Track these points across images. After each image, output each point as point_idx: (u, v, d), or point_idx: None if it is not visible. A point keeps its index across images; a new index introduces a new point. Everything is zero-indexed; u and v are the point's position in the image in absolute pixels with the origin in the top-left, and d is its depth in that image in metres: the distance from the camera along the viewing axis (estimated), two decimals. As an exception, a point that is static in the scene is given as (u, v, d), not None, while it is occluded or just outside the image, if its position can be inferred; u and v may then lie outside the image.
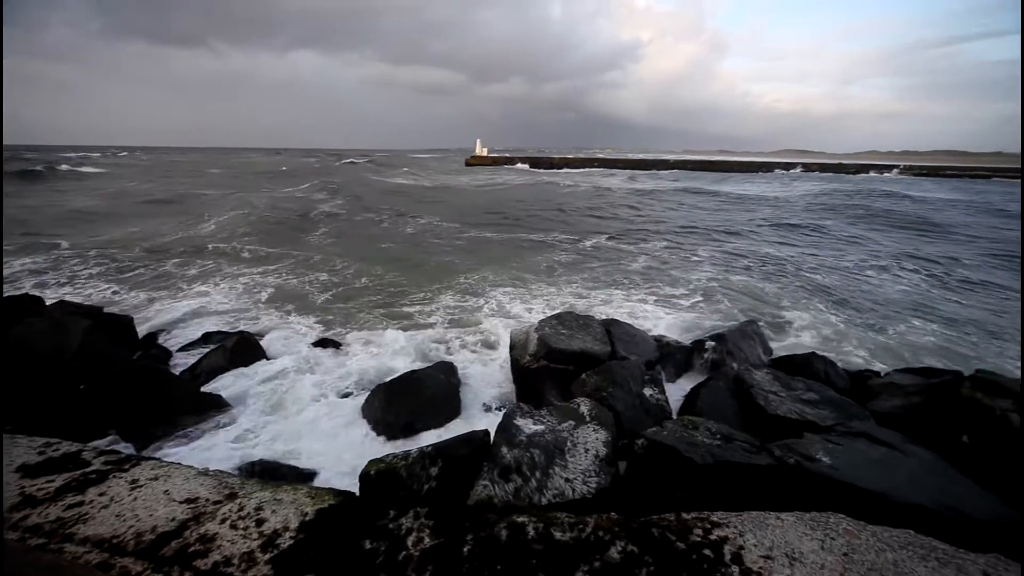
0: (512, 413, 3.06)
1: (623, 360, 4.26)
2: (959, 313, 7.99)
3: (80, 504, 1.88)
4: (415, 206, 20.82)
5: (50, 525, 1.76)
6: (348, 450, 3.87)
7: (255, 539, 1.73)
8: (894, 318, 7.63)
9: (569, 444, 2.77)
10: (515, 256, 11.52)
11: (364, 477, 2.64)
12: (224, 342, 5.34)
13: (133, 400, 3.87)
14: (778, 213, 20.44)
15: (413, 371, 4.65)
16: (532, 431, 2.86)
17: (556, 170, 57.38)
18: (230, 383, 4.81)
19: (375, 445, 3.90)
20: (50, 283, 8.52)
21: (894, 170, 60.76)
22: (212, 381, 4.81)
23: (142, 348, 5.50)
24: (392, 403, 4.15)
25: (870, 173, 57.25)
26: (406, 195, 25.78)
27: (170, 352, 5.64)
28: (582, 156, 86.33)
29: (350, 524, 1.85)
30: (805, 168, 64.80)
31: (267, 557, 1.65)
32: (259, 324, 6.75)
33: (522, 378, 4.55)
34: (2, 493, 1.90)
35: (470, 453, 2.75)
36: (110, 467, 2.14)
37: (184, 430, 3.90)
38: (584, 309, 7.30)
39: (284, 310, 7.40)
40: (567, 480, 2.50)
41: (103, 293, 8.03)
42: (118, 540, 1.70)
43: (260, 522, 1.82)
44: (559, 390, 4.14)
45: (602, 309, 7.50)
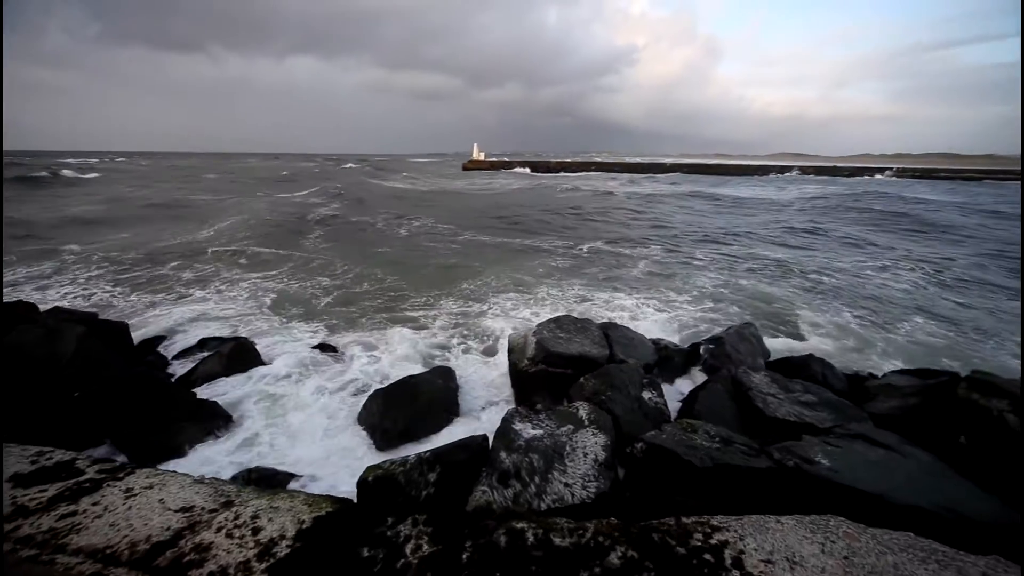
0: (511, 418, 3.05)
1: (621, 364, 4.25)
2: (973, 315, 8.07)
3: (73, 514, 1.85)
4: (415, 209, 20.85)
5: (42, 536, 1.73)
6: (346, 456, 3.84)
7: (251, 548, 1.71)
8: (903, 319, 7.68)
9: (568, 448, 2.76)
10: (514, 259, 11.51)
11: (362, 483, 2.62)
12: (220, 348, 5.30)
13: (128, 408, 3.83)
14: (780, 217, 20.50)
15: (411, 376, 4.63)
16: (531, 436, 2.85)
17: (553, 174, 57.63)
18: (227, 389, 4.77)
19: (373, 451, 3.87)
20: (51, 288, 8.48)
21: (886, 172, 61.53)
22: (208, 388, 4.77)
23: (137, 355, 5.45)
24: (390, 408, 4.12)
25: (864, 176, 57.84)
26: (407, 199, 25.81)
27: (166, 359, 5.59)
28: (579, 160, 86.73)
29: (348, 532, 1.83)
30: (801, 171, 65.49)
31: (263, 567, 1.63)
32: (258, 329, 6.71)
33: (520, 382, 4.53)
34: (2, 501, 1.87)
35: (468, 458, 2.74)
36: (104, 476, 2.12)
37: (180, 438, 3.86)
38: (585, 313, 7.31)
39: (284, 315, 7.36)
40: (566, 485, 2.49)
41: (102, 299, 7.98)
42: (112, 550, 1.67)
43: (256, 530, 1.80)
44: (558, 394, 4.13)
45: (605, 313, 7.49)
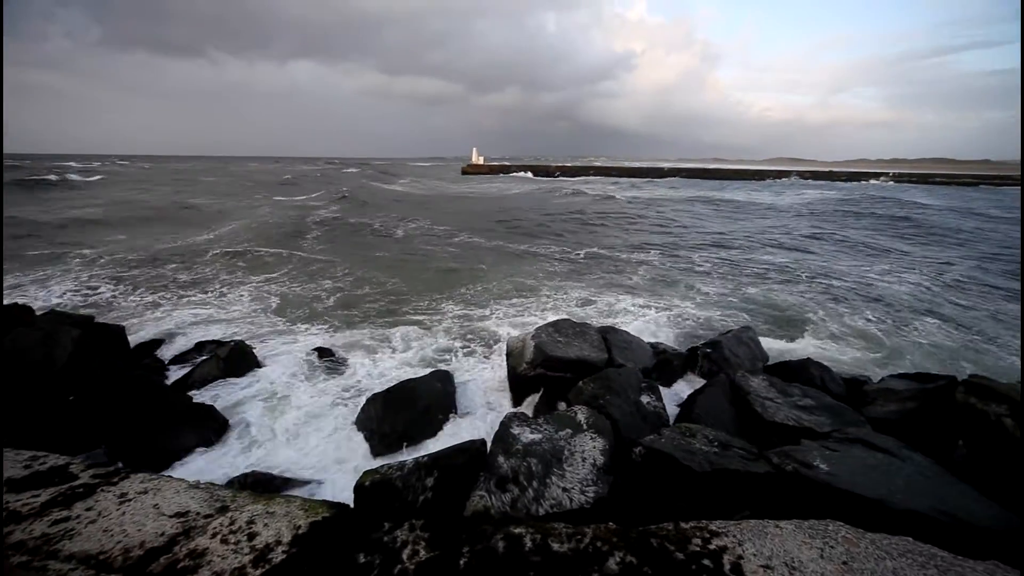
0: (509, 422, 3.04)
1: (620, 368, 4.25)
2: (977, 315, 8.11)
3: (66, 519, 1.83)
4: (418, 213, 20.95)
5: (34, 542, 1.71)
6: (343, 460, 3.82)
7: (246, 554, 1.69)
8: (914, 321, 7.69)
9: (566, 453, 2.75)
10: (516, 264, 11.52)
11: (359, 488, 2.60)
12: (217, 351, 5.28)
13: (123, 412, 3.81)
14: (782, 222, 20.55)
15: (409, 380, 4.62)
16: (529, 440, 2.84)
17: (552, 178, 57.83)
18: (223, 393, 4.75)
19: (370, 455, 3.85)
20: (53, 289, 8.49)
21: (881, 177, 62.10)
22: (205, 392, 4.74)
23: (134, 358, 5.42)
24: (388, 412, 4.11)
25: (861, 181, 58.24)
26: (410, 203, 25.89)
27: (163, 362, 5.56)
28: (579, 164, 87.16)
29: (344, 537, 1.82)
30: (800, 176, 66.04)
31: (259, 572, 1.61)
32: (257, 332, 6.69)
33: (519, 386, 4.52)
34: (2, 507, 1.86)
35: (466, 463, 2.73)
36: (98, 480, 2.10)
37: (175, 442, 3.83)
38: (586, 317, 7.31)
39: (284, 317, 7.36)
40: (564, 490, 2.48)
41: (104, 300, 7.98)
42: (105, 556, 1.65)
43: (252, 536, 1.78)
44: (556, 398, 4.12)
45: (606, 317, 7.49)
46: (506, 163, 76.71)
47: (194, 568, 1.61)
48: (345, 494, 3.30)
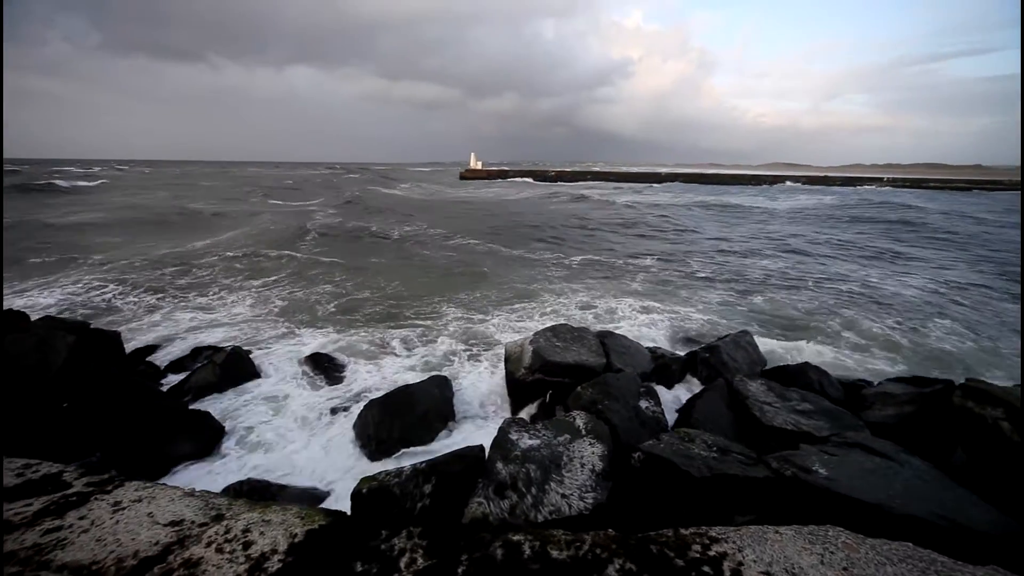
0: (507, 427, 3.03)
1: (618, 372, 4.25)
2: (984, 316, 8.14)
3: (59, 528, 1.80)
4: (419, 218, 20.98)
5: (26, 552, 1.68)
6: (340, 467, 3.79)
7: (242, 563, 1.67)
8: (928, 323, 7.63)
9: (565, 459, 2.74)
10: (514, 269, 11.52)
11: (356, 495, 2.58)
12: (214, 357, 5.24)
13: (118, 419, 3.77)
14: (786, 227, 20.55)
15: (407, 385, 4.60)
16: (528, 446, 2.82)
17: (550, 183, 57.97)
18: (220, 400, 4.72)
19: (368, 462, 3.82)
20: (53, 293, 8.46)
21: (878, 183, 62.64)
22: (201, 398, 4.71)
23: (129, 364, 5.38)
24: (385, 418, 4.08)
25: (857, 186, 58.68)
26: (411, 208, 25.92)
27: (158, 368, 5.52)
28: (577, 169, 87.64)
29: (341, 545, 1.80)
30: (799, 181, 66.67)
31: (254, 582, 1.59)
32: (256, 337, 6.66)
33: (517, 391, 4.51)
34: (2, 515, 1.83)
35: (464, 469, 2.71)
36: (92, 489, 2.07)
37: (171, 449, 3.79)
38: (587, 322, 7.30)
39: (283, 323, 7.33)
40: (563, 496, 2.46)
41: (106, 304, 7.94)
42: (97, 566, 1.63)
43: (247, 545, 1.76)
44: (555, 403, 4.11)
45: (609, 323, 7.45)
46: (504, 168, 77.06)
47: (188, 578, 1.59)
48: (342, 501, 3.27)
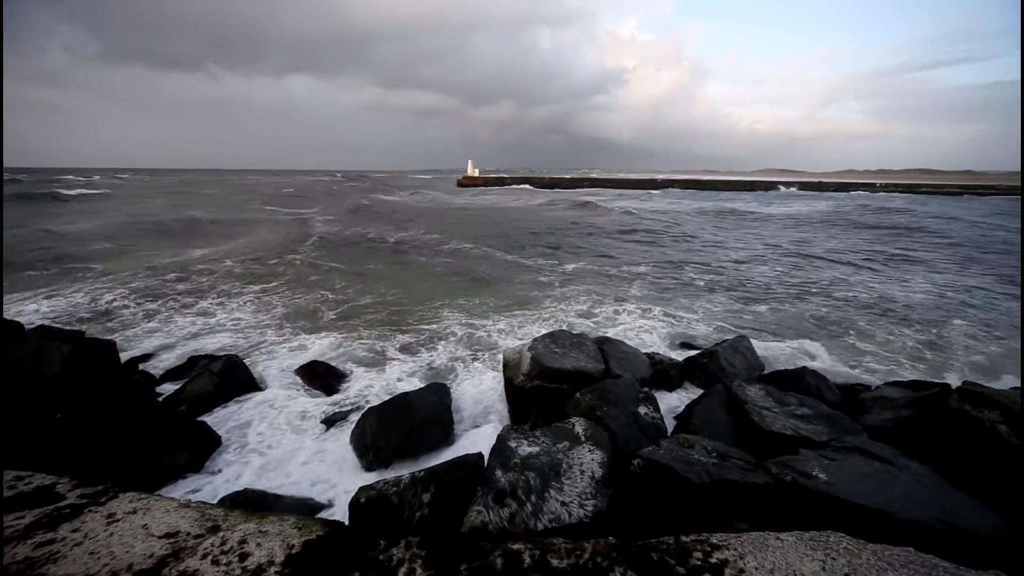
0: (506, 435, 3.01)
1: (617, 378, 4.24)
2: (993, 317, 8.18)
3: (51, 542, 1.77)
4: (421, 224, 21.05)
5: (17, 566, 1.65)
6: (338, 476, 3.75)
7: (238, 575, 1.65)
8: (948, 328, 7.59)
9: (564, 466, 2.72)
10: (513, 275, 11.51)
11: (354, 505, 2.56)
12: (210, 366, 5.20)
13: (113, 429, 3.72)
14: (793, 232, 20.62)
15: (405, 393, 4.57)
16: (527, 453, 2.81)
17: (548, 189, 58.27)
18: (216, 409, 4.67)
19: (366, 470, 3.78)
20: (55, 301, 8.40)
21: (870, 189, 63.44)
22: (197, 408, 4.66)
23: (124, 374, 5.32)
24: (383, 426, 4.05)
25: (850, 191, 59.28)
26: (414, 215, 25.96)
27: (154, 377, 5.47)
28: (573, 176, 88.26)
29: (339, 556, 1.78)
30: (792, 186, 67.50)
31: (250, 594, 1.57)
32: (254, 344, 6.62)
33: (516, 398, 4.49)
34: (2, 526, 1.81)
35: (463, 477, 2.69)
36: (86, 501, 2.04)
37: (166, 460, 3.74)
38: (587, 328, 7.29)
39: (282, 330, 7.28)
40: (563, 504, 2.45)
41: (105, 316, 7.86)
42: (90, 580, 1.60)
43: (244, 556, 1.74)
44: (553, 410, 4.09)
45: (614, 329, 7.42)
46: (502, 175, 77.49)
47: (183, 591, 1.57)
48: (340, 511, 3.24)
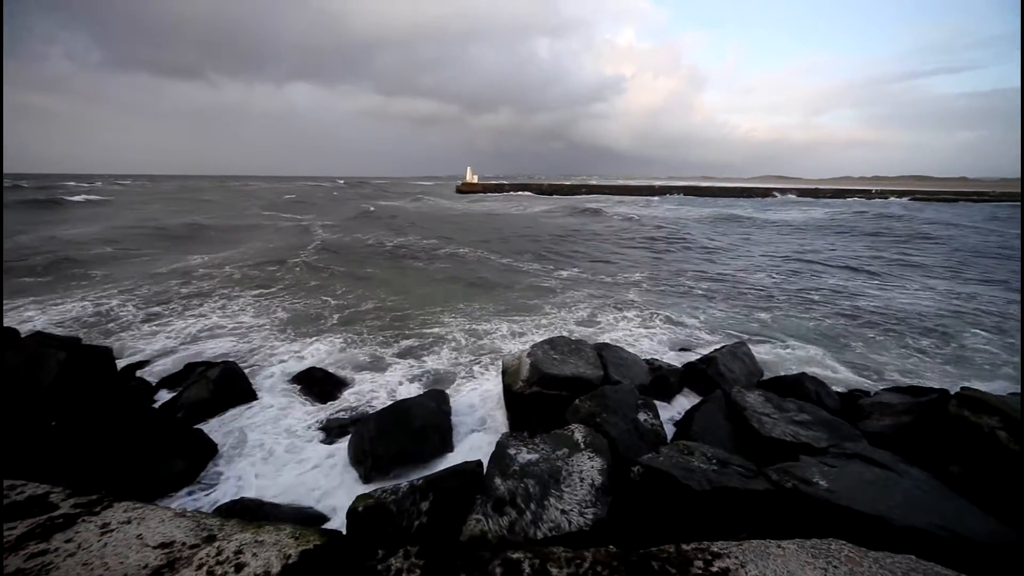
0: (505, 442, 3.00)
1: (616, 385, 4.23)
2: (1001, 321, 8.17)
3: (44, 553, 1.75)
4: (420, 231, 21.05)
5: (9, 577, 1.63)
6: (335, 485, 3.71)
7: (234, 586, 1.63)
8: (967, 336, 7.51)
9: (564, 473, 2.70)
10: (513, 280, 11.50)
11: (351, 513, 2.53)
12: (207, 372, 5.16)
13: (108, 437, 3.69)
14: (800, 238, 20.61)
15: (403, 400, 4.55)
16: (526, 460, 2.79)
17: (553, 196, 58.47)
18: (213, 416, 4.64)
19: (364, 479, 3.74)
20: (56, 308, 8.37)
21: (866, 195, 63.95)
22: (193, 415, 4.62)
23: (121, 381, 5.28)
24: (382, 434, 4.02)
25: (846, 198, 59.71)
26: (411, 220, 25.96)
27: (150, 384, 5.43)
28: (573, 183, 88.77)
29: (336, 566, 1.76)
30: (791, 192, 67.96)
31: (246, 606, 1.54)
32: (253, 351, 6.58)
33: (515, 405, 4.47)
34: (1, 537, 1.78)
35: (462, 485, 2.67)
36: (79, 510, 2.02)
37: (162, 468, 3.70)
38: (589, 334, 7.28)
39: (282, 336, 7.25)
40: (563, 512, 2.43)
41: (108, 322, 7.83)
42: (84, 592, 1.58)
43: (240, 567, 1.72)
44: (552, 416, 4.07)
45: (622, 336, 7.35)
46: (502, 182, 77.94)
47: (178, 603, 1.54)
48: (338, 520, 3.20)
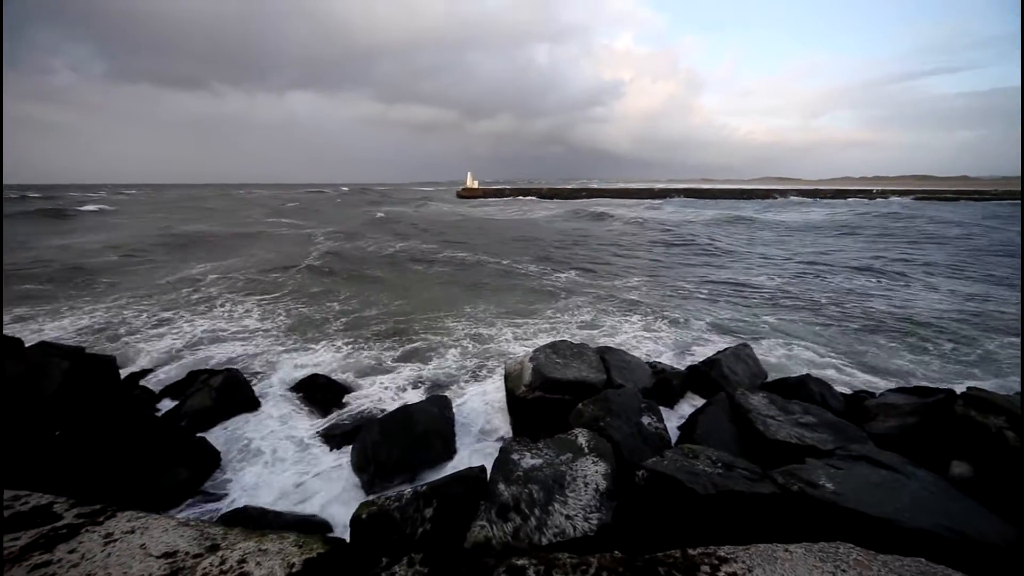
0: (509, 447, 2.99)
1: (619, 388, 4.22)
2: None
3: (47, 563, 1.75)
4: (422, 236, 21.10)
5: (13, 589, 1.63)
6: (339, 491, 3.70)
7: (237, 595, 1.62)
8: (985, 341, 7.25)
9: (568, 478, 2.69)
10: (516, 284, 11.51)
11: (355, 521, 2.52)
12: (210, 381, 5.17)
13: (111, 446, 3.69)
14: (810, 239, 20.58)
15: (406, 406, 4.53)
16: (530, 465, 2.78)
17: (549, 200, 58.63)
18: (216, 425, 4.63)
19: (367, 485, 3.73)
20: (63, 317, 8.42)
21: (867, 196, 63.92)
22: (196, 423, 4.62)
23: (124, 389, 5.29)
24: (385, 440, 4.01)
25: (847, 199, 59.67)
26: (412, 225, 26.00)
27: (153, 393, 5.43)
28: (573, 187, 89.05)
29: (340, 574, 1.75)
30: (795, 194, 68.15)
31: (250, 615, 1.53)
32: (256, 357, 6.59)
33: (518, 409, 4.45)
34: (2, 545, 1.79)
35: (466, 491, 2.66)
36: (83, 520, 2.02)
37: (165, 477, 3.70)
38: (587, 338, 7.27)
39: (285, 342, 7.26)
40: (568, 517, 2.41)
41: (115, 326, 7.89)
42: (87, 603, 1.57)
43: (243, 576, 1.71)
44: (556, 421, 4.06)
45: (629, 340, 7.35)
46: (503, 187, 78.29)
47: (182, 613, 1.54)
48: (341, 528, 3.19)
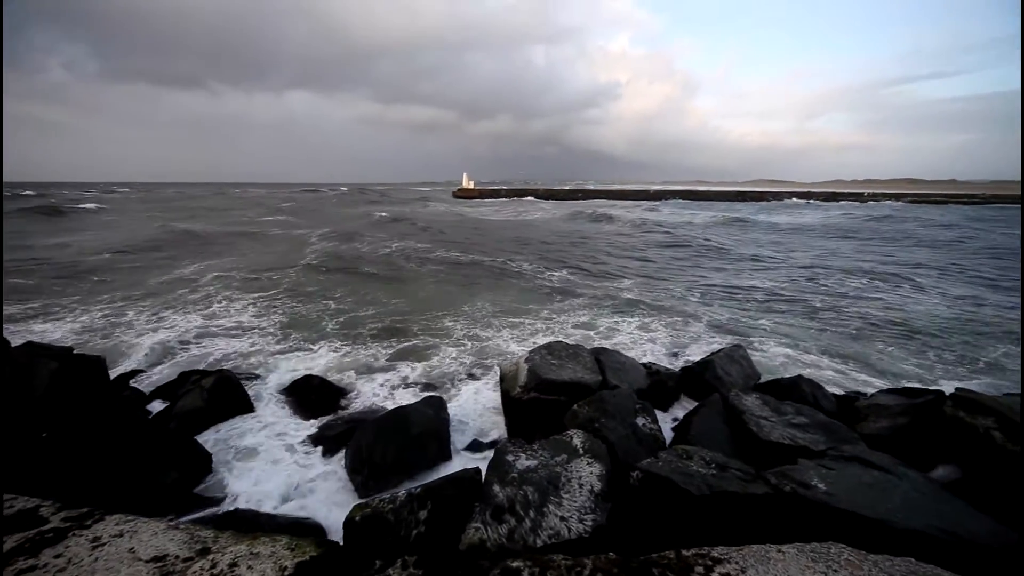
0: (504, 449, 2.98)
1: (614, 389, 4.22)
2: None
3: (33, 569, 1.71)
4: (419, 236, 21.05)
5: (-3, 594, 1.59)
6: (332, 493, 3.67)
7: (228, 600, 1.60)
8: (992, 345, 7.33)
9: (563, 479, 2.69)
10: (513, 285, 11.50)
11: (348, 523, 2.50)
12: (201, 382, 5.10)
13: (100, 448, 3.63)
14: (816, 241, 20.80)
15: (401, 407, 4.51)
16: (525, 467, 2.78)
17: (548, 200, 58.77)
18: (208, 426, 4.58)
19: (361, 487, 3.70)
20: (63, 317, 8.35)
21: (858, 198, 64.69)
22: (187, 425, 4.56)
23: (113, 390, 5.21)
24: (379, 441, 3.98)
25: (839, 201, 60.38)
26: (410, 225, 25.92)
27: (143, 394, 5.36)
28: (570, 188, 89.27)
29: (333, 578, 1.73)
30: (779, 196, 68.57)
31: (241, 620, 1.51)
32: (249, 358, 6.53)
33: (513, 410, 4.45)
34: (1, 547, 1.76)
35: (460, 493, 2.65)
36: (70, 524, 1.98)
37: (154, 479, 3.64)
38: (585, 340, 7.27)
39: (280, 342, 7.20)
40: (562, 519, 2.41)
41: (111, 326, 7.80)
42: (74, 608, 1.55)
43: (234, 580, 1.69)
44: (551, 422, 4.06)
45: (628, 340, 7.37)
46: (499, 187, 78.33)
47: (171, 618, 1.51)
48: (335, 530, 3.16)
